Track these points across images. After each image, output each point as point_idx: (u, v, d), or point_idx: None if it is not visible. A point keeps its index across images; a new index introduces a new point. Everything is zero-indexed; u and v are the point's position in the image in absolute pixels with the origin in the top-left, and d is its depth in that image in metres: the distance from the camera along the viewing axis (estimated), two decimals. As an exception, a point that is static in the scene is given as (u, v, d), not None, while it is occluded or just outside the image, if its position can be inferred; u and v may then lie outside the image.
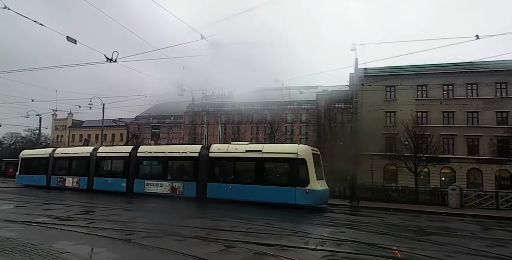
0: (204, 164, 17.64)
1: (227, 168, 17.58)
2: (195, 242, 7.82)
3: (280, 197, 15.29)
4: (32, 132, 61.45)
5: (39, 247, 6.65)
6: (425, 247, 8.04)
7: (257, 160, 16.39)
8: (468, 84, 35.01)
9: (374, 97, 35.23)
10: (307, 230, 9.76)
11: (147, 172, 19.86)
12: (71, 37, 13.09)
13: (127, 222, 10.42)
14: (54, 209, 13.33)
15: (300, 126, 58.29)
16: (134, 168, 19.86)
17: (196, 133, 53.47)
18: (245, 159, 16.76)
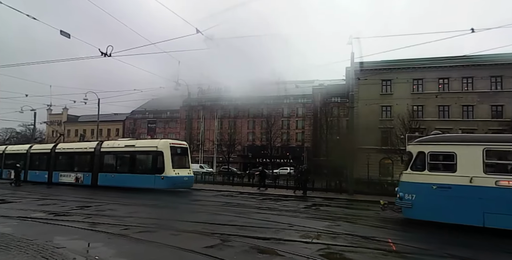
0: (97, 158, 21.59)
1: (111, 160, 21.39)
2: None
3: (145, 183, 18.81)
4: (27, 127, 61.02)
5: (34, 243, 6.64)
6: (420, 240, 8.13)
7: (131, 153, 20.36)
8: (464, 78, 35.13)
9: (370, 91, 35.29)
10: (302, 223, 9.82)
11: (61, 165, 23.86)
12: (64, 31, 12.93)
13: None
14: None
15: (297, 120, 58.37)
16: (53, 162, 24.14)
17: (192, 127, 53.37)
18: (123, 153, 20.73)
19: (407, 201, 10.27)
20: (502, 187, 9.07)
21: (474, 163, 9.50)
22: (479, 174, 9.39)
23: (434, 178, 9.94)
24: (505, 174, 9.34)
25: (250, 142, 59.56)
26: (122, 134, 68.06)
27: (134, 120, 68.75)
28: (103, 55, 13.82)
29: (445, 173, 9.95)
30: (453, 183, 9.65)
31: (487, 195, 9.16)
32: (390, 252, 7.05)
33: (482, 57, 31.65)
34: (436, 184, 9.84)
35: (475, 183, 9.36)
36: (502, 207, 8.97)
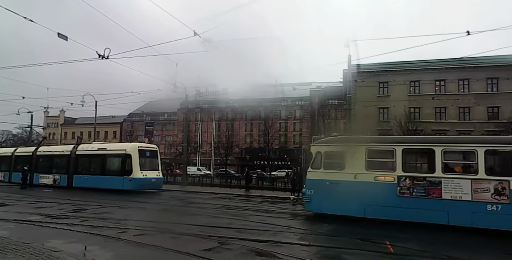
0: (73, 160, 22.64)
1: (85, 162, 22.30)
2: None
3: (115, 184, 19.69)
4: (23, 130, 60.76)
5: (31, 246, 6.59)
6: (418, 242, 8.13)
7: (103, 156, 21.33)
8: (460, 79, 35.28)
9: (367, 93, 35.37)
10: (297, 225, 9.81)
11: (41, 167, 24.72)
12: (62, 34, 12.89)
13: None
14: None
15: (294, 122, 58.43)
16: (34, 164, 24.88)
17: (190, 130, 53.31)
18: (96, 156, 21.72)
19: (308, 196, 11.47)
20: (379, 181, 10.35)
21: (358, 161, 10.69)
22: (361, 171, 10.59)
23: (327, 174, 11.08)
24: (382, 170, 10.52)
25: (248, 144, 59.55)
26: (120, 136, 67.92)
27: (131, 123, 68.61)
28: (101, 58, 13.79)
29: (336, 170, 11.05)
30: (341, 179, 10.79)
31: (367, 189, 10.30)
32: (388, 254, 7.06)
33: (478, 59, 31.80)
34: (328, 180, 10.98)
35: (358, 178, 10.55)
36: (379, 199, 10.23)
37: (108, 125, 65.97)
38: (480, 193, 9.38)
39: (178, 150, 55.24)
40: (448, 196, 9.66)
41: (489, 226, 9.12)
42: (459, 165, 10.22)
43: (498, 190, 9.21)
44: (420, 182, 10.03)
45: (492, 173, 9.54)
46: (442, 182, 9.78)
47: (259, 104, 58.43)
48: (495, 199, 9.20)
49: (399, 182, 10.22)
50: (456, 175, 9.83)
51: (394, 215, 10.12)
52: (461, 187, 9.57)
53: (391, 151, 10.53)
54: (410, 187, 10.09)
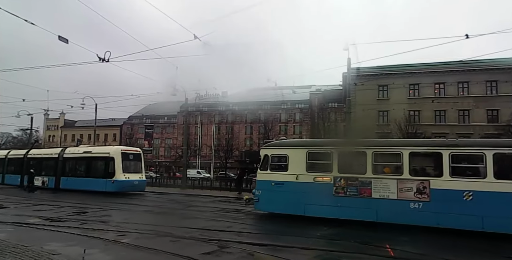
0: (60, 163, 23.27)
1: (72, 165, 23.03)
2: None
3: (98, 186, 20.32)
4: (23, 132, 60.72)
5: (29, 249, 6.57)
6: (417, 245, 8.11)
7: (88, 159, 22.09)
8: (459, 82, 35.39)
9: (367, 96, 35.43)
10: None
11: (33, 169, 24.55)
12: (62, 37, 12.94)
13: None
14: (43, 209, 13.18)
15: (294, 125, 58.39)
16: (26, 167, 25.25)
17: (189, 133, 53.31)
18: (82, 158, 22.40)
19: (256, 196, 12.25)
20: (318, 182, 11.11)
21: (300, 163, 11.46)
22: (302, 172, 11.35)
23: (273, 176, 11.89)
24: (320, 172, 11.22)
25: (248, 147, 59.48)
26: (120, 139, 67.86)
27: (131, 126, 68.57)
28: (101, 61, 13.83)
29: (280, 172, 11.85)
30: (285, 180, 11.56)
31: (307, 189, 11.11)
32: (388, 257, 7.04)
33: (477, 62, 31.94)
34: (274, 181, 11.78)
35: (299, 179, 11.32)
36: (317, 199, 10.98)
37: (108, 128, 65.94)
38: (405, 192, 10.08)
39: (178, 153, 55.19)
40: (377, 195, 10.37)
41: (412, 222, 9.76)
42: (387, 166, 10.78)
43: (420, 189, 9.92)
44: (353, 182, 10.74)
45: (415, 173, 10.19)
46: (372, 182, 10.48)
47: (259, 108, 58.44)
48: (417, 198, 9.91)
49: (335, 182, 10.94)
50: (384, 176, 10.49)
51: (330, 213, 10.86)
52: (388, 187, 10.27)
53: (328, 154, 11.29)
54: (345, 187, 10.82)
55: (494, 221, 8.99)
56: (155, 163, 62.71)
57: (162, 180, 33.72)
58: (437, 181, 9.80)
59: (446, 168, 9.78)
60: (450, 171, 9.72)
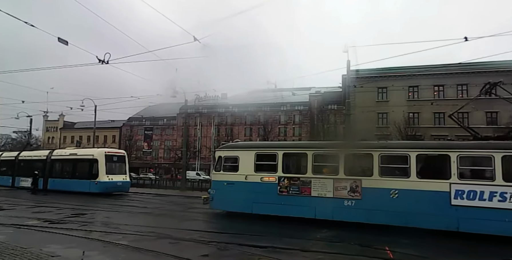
0: (48, 164, 23.87)
1: (58, 167, 23.50)
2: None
3: (83, 187, 20.88)
4: (22, 134, 60.65)
5: (28, 251, 6.56)
6: (417, 248, 8.10)
7: (73, 161, 22.73)
8: (459, 85, 35.45)
9: (367, 98, 35.49)
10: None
11: (21, 171, 25.87)
12: (62, 39, 12.96)
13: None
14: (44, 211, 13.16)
15: (294, 127, 58.41)
16: (16, 168, 26.35)
17: (189, 134, 53.31)
18: (68, 160, 23.08)
19: (211, 195, 13.06)
20: (264, 182, 11.83)
21: (249, 164, 12.17)
22: (251, 172, 12.08)
23: (225, 176, 12.62)
24: (266, 172, 11.95)
25: (247, 149, 59.37)
26: (119, 141, 67.80)
27: (131, 127, 68.51)
28: (101, 62, 13.85)
29: (232, 172, 12.54)
30: (235, 180, 12.27)
31: (255, 188, 11.85)
32: (387, 260, 7.04)
33: (476, 64, 32.00)
34: (226, 181, 12.52)
35: (248, 179, 12.05)
36: (263, 197, 11.73)
37: (107, 130, 65.85)
38: (340, 190, 10.86)
39: (177, 155, 55.16)
40: (316, 194, 11.13)
41: (345, 219, 10.54)
42: (326, 167, 11.46)
43: (353, 187, 10.70)
44: (295, 182, 11.48)
45: (350, 173, 10.88)
46: (312, 181, 11.23)
47: (259, 109, 58.47)
48: (350, 196, 10.70)
49: (279, 182, 11.67)
50: (323, 175, 11.21)
51: (275, 211, 11.57)
52: (326, 186, 11.04)
53: (274, 155, 12.04)
54: (288, 186, 11.56)
55: (416, 218, 9.70)
56: (154, 165, 62.63)
57: (162, 181, 33.66)
58: (368, 180, 10.53)
59: (376, 168, 10.50)
60: (379, 170, 10.43)
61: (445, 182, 9.65)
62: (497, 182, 9.15)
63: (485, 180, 9.40)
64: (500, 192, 9.07)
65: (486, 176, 9.51)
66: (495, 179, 9.20)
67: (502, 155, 9.24)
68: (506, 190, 9.02)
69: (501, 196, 9.05)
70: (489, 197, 9.15)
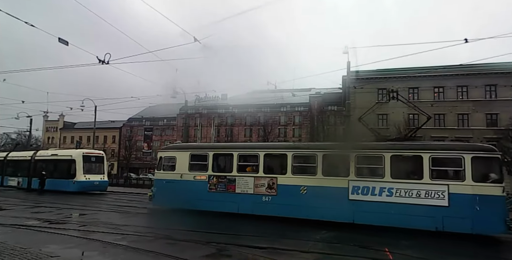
0: (32, 165, 24.82)
1: (41, 167, 23.91)
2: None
3: (62, 186, 21.82)
4: (22, 134, 60.59)
5: (28, 251, 6.55)
6: (417, 249, 8.10)
7: (54, 161, 23.78)
8: (458, 86, 35.48)
9: (366, 99, 35.41)
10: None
11: (10, 170, 27.06)
12: (63, 39, 12.96)
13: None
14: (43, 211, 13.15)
15: (293, 128, 58.41)
16: (5, 168, 27.42)
17: (189, 135, 53.28)
18: (49, 161, 24.04)
19: (153, 193, 14.00)
20: (197, 180, 12.94)
21: (184, 164, 13.29)
22: (186, 171, 13.17)
23: (165, 175, 13.74)
24: (199, 171, 12.99)
25: (247, 150, 59.36)
26: (119, 141, 67.79)
27: (130, 128, 68.52)
28: (101, 63, 13.84)
29: (170, 172, 13.66)
30: (173, 178, 13.34)
31: (189, 186, 12.94)
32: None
33: (476, 66, 32.02)
34: (165, 180, 13.62)
35: (183, 178, 13.13)
36: (196, 194, 12.75)
37: (107, 130, 65.86)
38: (259, 187, 11.96)
39: (177, 155, 55.02)
40: (239, 190, 12.20)
41: (263, 213, 11.54)
42: (248, 166, 12.55)
43: (270, 185, 11.79)
44: (222, 180, 12.58)
45: (268, 171, 12.03)
46: (236, 179, 12.32)
47: (258, 110, 58.48)
48: (267, 192, 11.79)
49: (209, 180, 12.75)
50: (245, 174, 12.31)
51: (205, 206, 12.53)
52: (247, 183, 12.12)
53: (205, 155, 13.15)
54: (216, 184, 12.65)
55: (321, 211, 10.83)
56: (154, 165, 62.61)
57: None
58: (282, 178, 11.69)
59: (289, 167, 11.66)
60: (292, 169, 11.61)
61: (344, 179, 10.77)
62: (386, 178, 10.30)
63: (376, 177, 10.49)
64: (388, 188, 10.21)
65: (378, 173, 10.57)
66: (385, 176, 10.35)
67: (391, 155, 10.42)
68: (393, 186, 10.17)
69: (389, 191, 10.20)
70: (379, 192, 10.30)
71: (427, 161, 9.93)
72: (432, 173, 9.88)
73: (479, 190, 9.29)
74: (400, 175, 10.29)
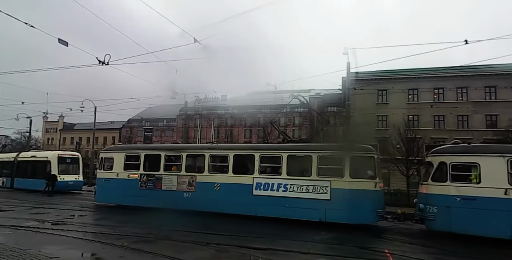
0: (15, 165, 26.23)
1: (23, 167, 25.70)
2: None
3: (40, 186, 22.30)
4: (22, 135, 60.56)
5: (27, 252, 6.54)
6: (417, 250, 8.09)
7: (33, 162, 24.99)
8: (458, 88, 35.44)
9: (366, 101, 35.46)
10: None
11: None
12: (62, 40, 12.94)
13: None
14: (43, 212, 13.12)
15: (293, 129, 58.35)
16: None
17: (189, 136, 53.25)
18: (29, 162, 25.36)
19: (95, 190, 15.63)
20: (131, 178, 14.26)
21: (120, 164, 14.57)
22: (121, 170, 14.54)
23: (104, 174, 15.25)
24: (132, 170, 14.36)
25: (247, 151, 59.27)
26: (119, 142, 67.66)
27: (130, 129, 68.44)
28: (101, 64, 13.82)
29: (108, 171, 15.01)
30: (111, 177, 14.77)
31: (124, 184, 14.26)
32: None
33: (476, 67, 32.01)
34: (104, 178, 15.10)
35: (119, 176, 14.50)
36: (129, 191, 13.94)
37: (107, 131, 65.81)
38: (181, 185, 13.22)
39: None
40: (165, 188, 13.49)
41: (185, 208, 12.40)
42: (174, 165, 13.75)
43: (190, 182, 13.08)
44: (151, 178, 13.83)
45: (189, 170, 13.30)
46: (163, 177, 13.58)
47: (258, 111, 58.44)
48: (188, 189, 13.08)
49: (140, 178, 14.00)
50: (170, 173, 13.57)
51: (138, 202, 13.68)
52: (172, 181, 13.40)
53: (138, 156, 14.48)
54: (146, 182, 13.88)
55: (231, 205, 12.04)
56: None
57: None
58: (200, 176, 12.97)
59: (206, 166, 12.97)
60: (208, 168, 12.96)
61: (250, 176, 12.10)
62: (283, 176, 11.67)
63: (275, 175, 11.82)
64: (284, 184, 11.55)
65: (277, 171, 11.90)
66: (282, 173, 11.72)
67: (287, 155, 11.80)
68: (288, 182, 11.52)
69: (284, 187, 11.54)
70: (277, 188, 11.64)
71: (315, 160, 11.24)
72: (319, 170, 11.22)
73: (355, 185, 10.55)
74: (294, 173, 11.63)
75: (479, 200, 8.98)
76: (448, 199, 9.37)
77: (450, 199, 9.34)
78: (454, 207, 9.23)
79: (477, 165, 9.31)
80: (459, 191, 9.31)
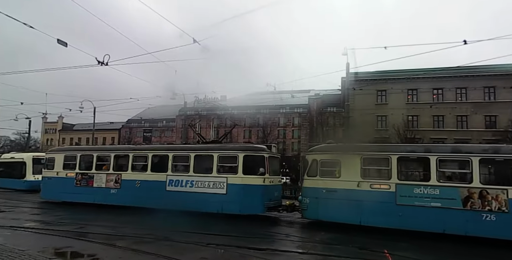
0: None
1: (4, 168, 27.04)
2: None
3: (16, 185, 24.46)
4: (21, 135, 60.48)
5: (26, 253, 6.53)
6: (417, 251, 8.09)
7: (11, 163, 26.25)
8: (457, 88, 35.47)
9: (366, 101, 35.47)
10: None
11: None
12: (61, 40, 12.91)
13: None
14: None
15: (293, 130, 58.40)
16: None
17: (188, 136, 53.22)
18: (8, 163, 26.75)
19: (40, 187, 16.84)
20: (67, 177, 15.52)
21: (60, 163, 15.95)
22: (61, 170, 15.82)
23: (47, 173, 16.41)
24: (69, 169, 15.63)
25: (246, 151, 59.22)
26: (118, 143, 67.57)
27: (130, 129, 68.41)
28: (100, 64, 13.79)
29: (51, 170, 16.20)
30: (52, 175, 16.05)
31: (63, 182, 15.48)
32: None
33: (475, 68, 32.04)
34: (47, 177, 16.35)
35: (59, 175, 15.76)
36: (67, 188, 15.27)
37: (106, 132, 65.74)
38: (109, 182, 14.57)
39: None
40: (96, 185, 14.84)
41: (111, 203, 14.05)
42: (104, 165, 15.02)
43: (116, 180, 14.40)
44: (85, 176, 15.19)
45: (116, 169, 14.61)
46: (94, 176, 14.93)
47: (258, 112, 58.43)
48: (114, 186, 14.43)
49: (76, 177, 15.34)
50: (101, 171, 14.89)
51: (74, 198, 15.12)
52: (101, 179, 14.74)
53: (74, 156, 15.80)
54: (81, 180, 15.24)
55: (150, 200, 13.08)
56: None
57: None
58: (125, 174, 14.26)
59: (130, 165, 14.26)
60: (131, 167, 14.23)
61: (164, 174, 13.40)
62: (190, 173, 12.92)
63: (184, 172, 13.09)
64: (191, 180, 12.88)
65: (186, 169, 13.11)
66: (190, 171, 12.97)
67: (194, 154, 13.12)
68: (194, 179, 12.83)
69: (191, 183, 12.87)
70: (185, 184, 12.96)
71: (216, 158, 12.61)
72: (218, 168, 12.55)
73: (246, 180, 12.00)
74: (199, 170, 12.89)
75: (339, 191, 10.58)
76: (317, 191, 10.97)
77: (319, 191, 10.93)
78: (321, 198, 10.82)
79: (338, 161, 10.96)
80: (325, 184, 10.89)
